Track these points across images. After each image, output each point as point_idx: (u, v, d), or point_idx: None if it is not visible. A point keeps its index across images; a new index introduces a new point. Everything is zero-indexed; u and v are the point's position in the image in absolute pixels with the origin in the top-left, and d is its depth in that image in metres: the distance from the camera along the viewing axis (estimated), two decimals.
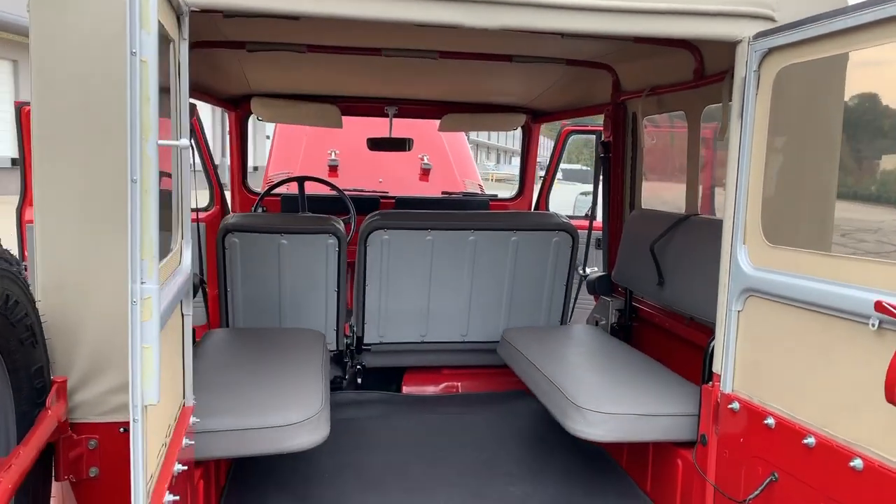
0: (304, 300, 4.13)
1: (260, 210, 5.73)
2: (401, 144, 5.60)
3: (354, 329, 4.38)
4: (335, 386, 4.41)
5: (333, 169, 6.57)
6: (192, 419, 2.15)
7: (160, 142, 1.35)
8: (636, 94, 4.14)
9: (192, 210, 4.76)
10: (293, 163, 6.63)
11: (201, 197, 5.70)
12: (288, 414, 2.64)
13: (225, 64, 4.50)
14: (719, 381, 2.58)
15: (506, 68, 4.48)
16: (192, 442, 2.01)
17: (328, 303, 4.16)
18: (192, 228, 4.39)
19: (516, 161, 7.00)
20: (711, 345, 2.67)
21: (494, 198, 6.32)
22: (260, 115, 5.35)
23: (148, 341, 1.36)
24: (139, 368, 1.35)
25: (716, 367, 2.60)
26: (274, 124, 6.75)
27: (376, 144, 5.57)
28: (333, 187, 5.43)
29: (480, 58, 4.09)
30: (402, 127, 6.38)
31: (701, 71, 3.51)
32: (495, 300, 4.42)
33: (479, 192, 6.42)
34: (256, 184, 6.21)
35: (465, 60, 4.13)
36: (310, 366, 3.18)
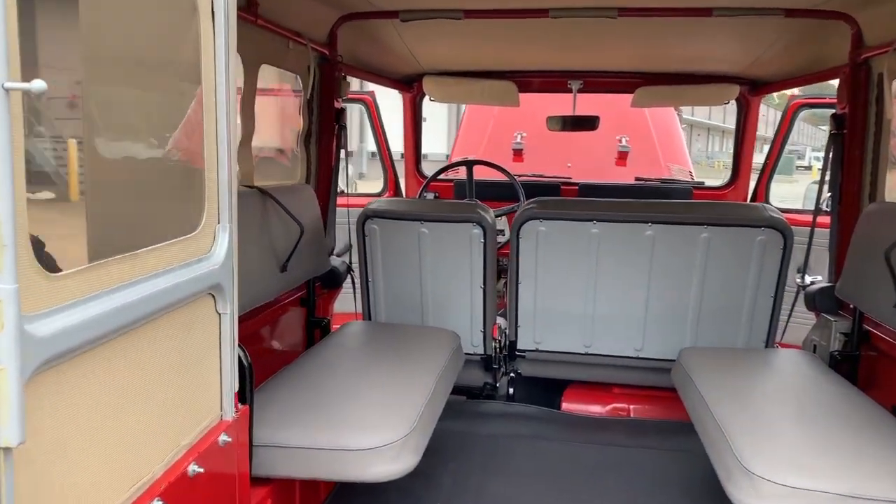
0: (447, 296, 3.69)
1: (432, 196, 5.42)
2: (585, 123, 4.93)
3: (506, 332, 3.86)
4: (486, 394, 3.93)
5: (518, 153, 6.06)
6: (223, 437, 1.81)
7: (8, 84, 0.97)
8: (884, 48, 3.08)
9: (344, 194, 4.58)
10: (477, 147, 6.24)
11: (374, 184, 5.55)
12: (364, 437, 2.21)
13: (387, 38, 4.20)
14: None
15: (709, 27, 3.64)
16: (201, 469, 1.67)
17: (473, 300, 3.68)
18: (342, 214, 4.21)
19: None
20: None
21: (700, 185, 5.35)
22: (432, 94, 5.00)
23: (2, 361, 0.99)
24: None
25: None
26: (454, 108, 6.41)
27: (557, 123, 4.95)
28: (503, 171, 4.92)
29: (672, 13, 3.32)
30: (600, 105, 5.68)
31: None
32: (679, 310, 3.62)
33: (682, 180, 5.49)
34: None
35: (654, 18, 3.39)
36: (421, 377, 2.73)
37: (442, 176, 5.35)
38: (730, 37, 3.96)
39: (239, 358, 2.15)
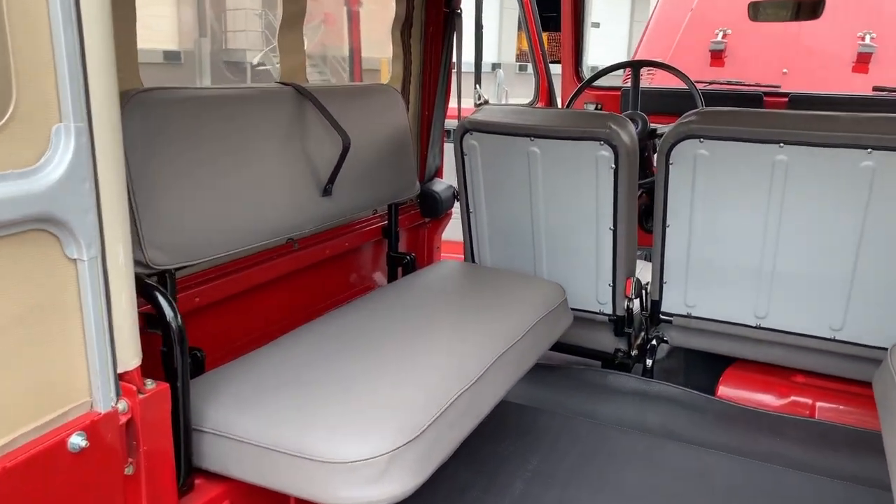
0: (565, 237, 2.84)
1: (592, 107, 4.42)
2: (804, 9, 3.60)
3: (648, 289, 2.93)
4: (619, 363, 3.07)
5: (717, 55, 4.78)
6: (76, 441, 1.25)
7: None
8: None
9: (486, 103, 3.78)
10: (666, 48, 5.05)
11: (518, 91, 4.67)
12: (338, 443, 1.53)
13: None
14: None
15: None
16: None
17: (600, 245, 2.79)
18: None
19: None
20: None
21: None
22: None
23: None
24: None
25: None
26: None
27: (763, 11, 3.68)
28: (678, 74, 3.77)
29: None
30: None
31: None
32: None
33: None
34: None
35: None
36: (476, 351, 1.98)
37: (609, 84, 4.32)
38: None
39: (164, 318, 1.58)
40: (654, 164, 3.97)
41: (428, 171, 3.21)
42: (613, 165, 2.61)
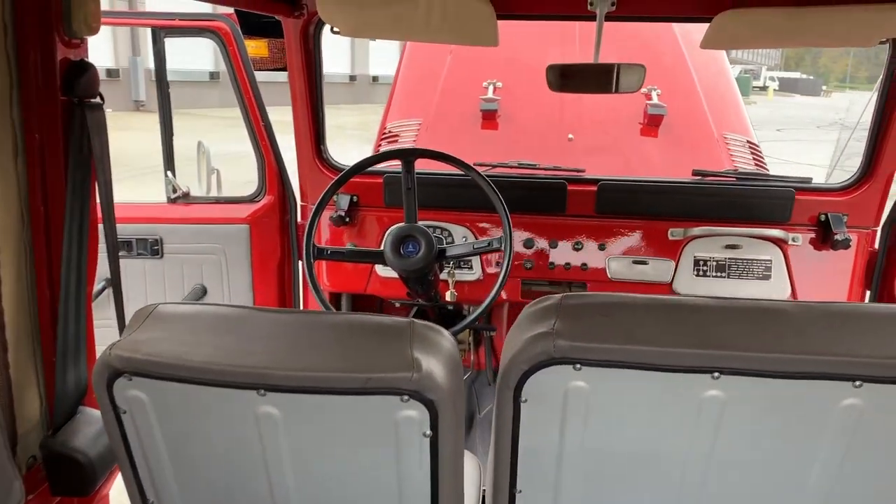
0: None
1: (346, 202, 3.14)
2: (618, 78, 2.66)
3: None
4: None
5: (489, 116, 3.80)
6: None
7: None
8: None
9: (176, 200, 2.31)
10: (426, 104, 3.96)
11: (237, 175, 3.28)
12: None
13: None
14: None
15: None
16: None
17: None
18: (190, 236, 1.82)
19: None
20: None
21: (805, 184, 3.14)
22: (333, 22, 2.57)
23: None
24: None
25: None
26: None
27: (565, 78, 2.68)
28: (465, 168, 2.63)
29: None
30: (613, 41, 3.49)
31: None
32: None
33: (772, 176, 3.29)
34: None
35: None
36: None
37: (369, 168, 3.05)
38: None
39: None
40: (443, 293, 2.83)
41: (62, 402, 1.68)
42: (429, 431, 1.34)
